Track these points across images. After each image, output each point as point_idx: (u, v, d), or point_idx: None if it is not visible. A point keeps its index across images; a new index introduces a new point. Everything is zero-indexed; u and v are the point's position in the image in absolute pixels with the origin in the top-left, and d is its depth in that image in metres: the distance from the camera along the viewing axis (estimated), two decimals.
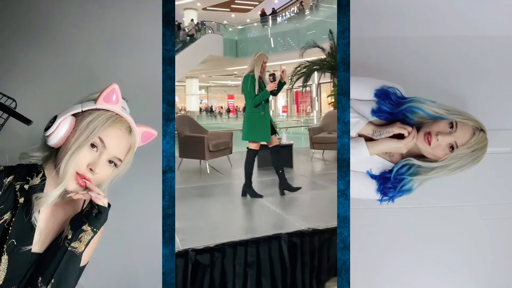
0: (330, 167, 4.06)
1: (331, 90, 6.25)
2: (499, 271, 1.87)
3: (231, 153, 4.06)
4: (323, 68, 6.04)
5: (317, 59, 5.93)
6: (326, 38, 5.88)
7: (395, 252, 1.83)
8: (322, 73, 6.33)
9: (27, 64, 1.98)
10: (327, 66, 5.94)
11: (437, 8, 1.80)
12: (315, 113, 7.38)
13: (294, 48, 6.53)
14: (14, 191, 0.93)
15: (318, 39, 5.98)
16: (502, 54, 1.81)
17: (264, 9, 7.80)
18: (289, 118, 8.18)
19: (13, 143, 1.79)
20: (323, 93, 7.30)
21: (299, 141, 5.11)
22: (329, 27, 5.95)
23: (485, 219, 1.84)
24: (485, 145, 1.24)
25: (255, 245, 2.03)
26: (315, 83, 7.02)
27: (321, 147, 4.20)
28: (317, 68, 6.04)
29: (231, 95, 9.96)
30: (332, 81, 5.96)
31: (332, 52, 5.78)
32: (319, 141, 4.13)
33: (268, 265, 2.04)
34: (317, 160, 4.23)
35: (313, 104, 7.63)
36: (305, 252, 2.12)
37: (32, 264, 0.93)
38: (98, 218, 0.95)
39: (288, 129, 5.90)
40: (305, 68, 6.07)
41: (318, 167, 4.08)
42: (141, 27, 1.88)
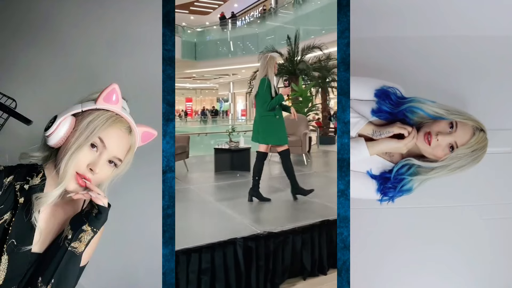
0: None
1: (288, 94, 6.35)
2: (499, 271, 1.87)
3: (188, 158, 4.11)
4: (281, 73, 6.12)
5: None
6: (284, 44, 6.03)
7: (395, 252, 1.83)
8: (280, 78, 6.39)
9: (27, 64, 1.98)
10: (285, 71, 6.05)
11: (437, 8, 1.80)
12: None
13: (254, 52, 6.64)
14: (14, 191, 0.93)
15: (277, 44, 6.13)
16: (502, 54, 1.81)
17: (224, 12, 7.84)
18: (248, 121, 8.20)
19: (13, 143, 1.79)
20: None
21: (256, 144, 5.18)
22: (288, 33, 6.11)
23: (485, 219, 1.84)
24: (485, 145, 1.24)
25: (210, 251, 2.03)
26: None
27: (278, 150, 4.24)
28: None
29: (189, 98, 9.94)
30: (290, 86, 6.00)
31: (290, 58, 5.94)
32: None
33: (223, 270, 2.03)
34: (274, 163, 4.28)
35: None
36: (260, 256, 2.15)
37: (32, 264, 0.93)
38: (98, 218, 0.95)
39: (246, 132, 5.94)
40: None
41: (275, 170, 4.18)
42: (141, 27, 1.88)
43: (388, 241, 1.84)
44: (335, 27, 1.37)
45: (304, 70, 5.92)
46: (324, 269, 2.35)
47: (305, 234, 2.31)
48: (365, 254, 1.68)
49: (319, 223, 2.38)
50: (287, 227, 2.28)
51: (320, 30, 6.41)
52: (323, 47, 6.00)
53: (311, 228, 2.34)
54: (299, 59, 6.03)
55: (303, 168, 4.18)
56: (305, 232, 2.31)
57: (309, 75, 5.99)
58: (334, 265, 2.22)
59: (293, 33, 6.10)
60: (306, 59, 6.10)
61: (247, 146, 3.93)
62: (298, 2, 6.86)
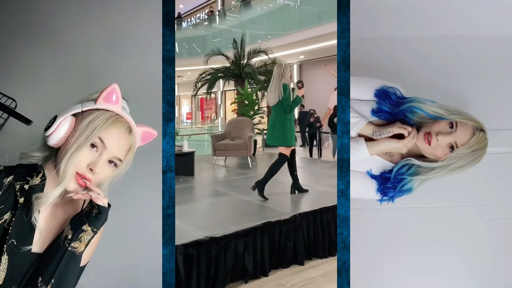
0: (231, 173, 4.20)
1: (234, 97, 6.33)
2: (499, 271, 1.87)
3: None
4: (227, 76, 6.13)
5: (222, 66, 6.05)
6: (230, 47, 6.02)
7: (395, 252, 1.83)
8: (226, 81, 6.41)
9: (27, 64, 1.98)
10: (231, 74, 6.04)
11: (437, 8, 1.80)
12: (219, 120, 7.45)
13: (199, 55, 6.57)
14: (14, 191, 0.93)
15: (223, 47, 6.10)
16: (502, 54, 1.81)
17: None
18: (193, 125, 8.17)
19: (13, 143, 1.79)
20: (228, 100, 7.34)
21: (202, 148, 5.27)
22: (234, 36, 6.10)
23: (485, 219, 1.84)
24: (485, 145, 1.24)
25: None
26: (220, 91, 7.11)
27: (223, 154, 4.30)
28: (221, 76, 6.14)
29: None
30: (236, 89, 6.03)
31: (236, 61, 5.91)
32: (221, 148, 4.22)
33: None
34: (219, 167, 4.33)
35: (218, 111, 7.68)
36: (202, 262, 2.13)
37: (32, 264, 0.93)
38: (98, 218, 0.95)
39: (191, 136, 5.92)
40: (209, 75, 6.16)
41: (220, 174, 4.19)
42: (141, 27, 1.88)
43: (388, 241, 1.84)
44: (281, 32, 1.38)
45: (250, 74, 5.93)
46: (266, 270, 2.37)
47: (248, 237, 2.31)
48: (365, 254, 1.68)
49: (261, 225, 2.41)
50: (229, 231, 2.28)
51: (266, 34, 6.47)
52: (268, 52, 6.05)
53: (253, 231, 2.35)
54: (245, 62, 6.03)
55: (248, 171, 4.16)
56: (248, 235, 2.32)
57: (255, 79, 5.99)
58: (275, 265, 2.43)
59: (239, 36, 6.12)
60: (252, 63, 6.11)
61: (191, 150, 3.91)
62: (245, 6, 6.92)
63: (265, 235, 2.40)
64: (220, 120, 7.40)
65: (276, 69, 3.35)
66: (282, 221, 2.51)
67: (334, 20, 1.36)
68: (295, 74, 7.10)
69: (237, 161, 4.53)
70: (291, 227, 2.53)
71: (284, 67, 3.29)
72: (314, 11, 5.80)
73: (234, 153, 4.30)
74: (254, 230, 2.36)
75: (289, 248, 2.50)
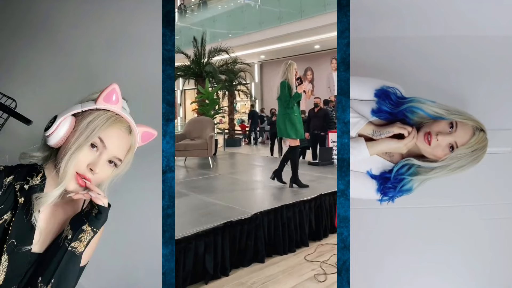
0: (191, 174, 4.14)
1: (195, 96, 6.31)
2: (499, 271, 1.87)
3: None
4: (188, 75, 6.10)
5: (181, 65, 5.99)
6: (191, 45, 5.99)
7: (395, 252, 1.83)
8: (186, 80, 6.38)
9: (27, 64, 1.98)
10: (192, 73, 6.02)
11: (437, 8, 1.80)
12: (179, 119, 7.39)
13: None
14: (14, 191, 0.93)
15: (183, 45, 6.03)
16: (502, 54, 1.81)
17: None
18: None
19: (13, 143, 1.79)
20: (188, 99, 7.33)
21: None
22: (194, 34, 6.07)
23: (485, 219, 1.84)
24: (485, 145, 1.25)
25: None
26: (180, 89, 7.06)
27: (183, 154, 4.26)
28: (181, 75, 6.11)
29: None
30: (196, 88, 6.01)
31: (197, 59, 5.88)
32: (181, 148, 4.18)
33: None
34: (179, 168, 4.24)
35: (177, 110, 7.62)
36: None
37: (32, 264, 0.93)
38: (98, 218, 0.95)
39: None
40: None
41: (180, 175, 4.10)
42: (141, 27, 1.88)
43: (388, 241, 1.84)
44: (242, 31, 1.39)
45: (210, 73, 5.91)
46: (226, 270, 2.34)
47: (208, 238, 2.28)
48: (365, 254, 1.68)
49: (222, 225, 2.38)
50: (189, 232, 2.24)
51: (227, 33, 6.46)
52: (229, 51, 6.06)
53: (213, 231, 2.32)
54: (206, 61, 6.02)
55: (209, 171, 4.14)
56: (208, 235, 2.28)
57: (216, 78, 6.00)
58: (236, 265, 2.41)
59: (200, 35, 6.11)
60: (213, 62, 6.10)
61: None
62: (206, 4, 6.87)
63: (226, 235, 2.38)
64: (179, 120, 7.34)
65: (282, 67, 3.56)
66: (243, 220, 2.48)
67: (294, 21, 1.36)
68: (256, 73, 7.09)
69: (197, 161, 4.48)
70: (252, 226, 2.51)
71: (288, 65, 3.49)
72: (274, 12, 5.81)
73: (195, 153, 4.27)
74: (214, 231, 2.33)
75: (250, 246, 2.48)
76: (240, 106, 7.49)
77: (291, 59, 5.93)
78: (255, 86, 7.18)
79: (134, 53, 1.93)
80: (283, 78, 3.51)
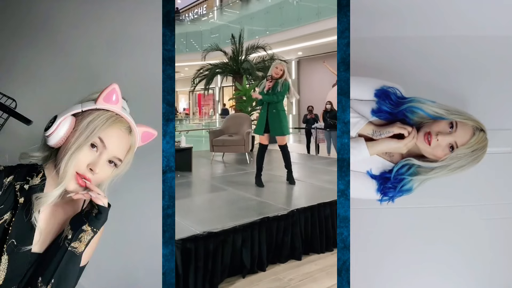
0: (229, 169, 4.22)
1: (232, 93, 6.32)
2: (499, 271, 1.87)
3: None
4: (225, 72, 6.14)
5: (220, 62, 6.05)
6: (229, 43, 6.02)
7: (395, 252, 1.83)
8: (224, 77, 6.41)
9: (27, 64, 1.98)
10: (229, 70, 6.05)
11: (437, 8, 1.80)
12: (217, 116, 7.41)
13: (197, 50, 6.59)
14: (14, 191, 0.93)
15: (221, 43, 6.10)
16: (502, 54, 1.81)
17: None
18: (191, 120, 8.13)
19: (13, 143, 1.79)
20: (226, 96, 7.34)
21: (199, 144, 5.34)
22: (232, 32, 6.10)
23: (485, 219, 1.84)
24: (485, 145, 1.24)
25: None
26: (218, 86, 7.08)
27: (220, 149, 4.34)
28: (219, 72, 6.15)
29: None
30: (234, 85, 6.01)
31: (234, 57, 5.92)
32: (219, 143, 4.24)
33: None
34: (217, 163, 4.35)
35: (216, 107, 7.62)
36: (199, 257, 2.11)
37: (32, 264, 0.93)
38: (98, 218, 0.95)
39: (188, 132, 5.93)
40: (207, 70, 6.12)
41: (217, 170, 4.20)
42: (141, 27, 1.88)
43: (388, 241, 1.84)
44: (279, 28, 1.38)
45: (248, 70, 5.90)
46: (263, 265, 2.36)
47: (245, 232, 2.32)
48: (365, 254, 1.68)
49: (259, 220, 2.41)
50: (227, 226, 2.29)
51: (264, 30, 6.46)
52: (267, 48, 6.07)
53: (251, 226, 2.35)
54: (243, 58, 6.03)
55: (246, 166, 4.20)
56: (246, 230, 2.32)
57: (253, 75, 5.97)
58: (273, 260, 2.43)
59: (237, 32, 6.12)
60: (250, 59, 6.10)
61: (188, 146, 3.92)
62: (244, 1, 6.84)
63: (262, 230, 2.40)
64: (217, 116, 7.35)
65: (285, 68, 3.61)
66: (280, 217, 2.51)
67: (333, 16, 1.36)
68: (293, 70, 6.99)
69: (235, 157, 4.56)
70: (289, 222, 2.53)
71: (272, 64, 3.58)
72: (312, 8, 5.77)
73: (232, 149, 4.33)
74: (252, 225, 2.36)
75: (287, 243, 2.49)
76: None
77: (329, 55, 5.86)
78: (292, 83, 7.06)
79: (134, 53, 1.93)
80: (284, 78, 3.52)
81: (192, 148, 3.90)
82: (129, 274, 1.90)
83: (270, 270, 2.38)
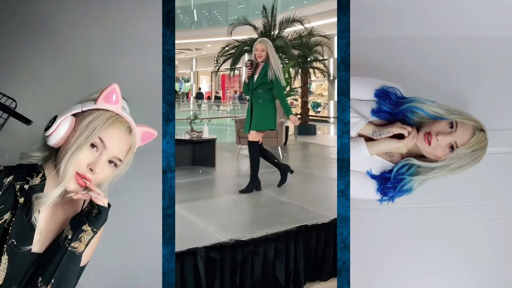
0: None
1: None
2: (499, 271, 1.87)
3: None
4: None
5: (248, 38, 5.03)
6: (259, 15, 5.02)
7: (395, 252, 1.83)
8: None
9: (27, 64, 1.98)
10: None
11: (437, 8, 1.80)
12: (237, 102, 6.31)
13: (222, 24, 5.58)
14: (14, 191, 0.93)
15: (250, 16, 5.13)
16: (502, 54, 1.81)
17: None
18: (212, 107, 6.82)
19: (13, 143, 1.80)
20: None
21: (224, 135, 4.41)
22: (263, 2, 5.07)
23: (485, 219, 1.84)
24: (485, 145, 1.25)
25: None
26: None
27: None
28: (247, 50, 5.10)
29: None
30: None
31: (266, 32, 4.98)
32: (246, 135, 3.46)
33: (180, 285, 1.78)
34: (244, 157, 3.50)
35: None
36: (225, 268, 1.87)
37: (32, 264, 0.93)
38: (98, 218, 0.95)
39: (211, 120, 4.95)
40: (234, 48, 5.14)
41: (245, 166, 3.34)
42: (141, 27, 1.88)
43: (388, 241, 1.84)
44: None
45: (282, 48, 4.92)
46: (300, 282, 2.02)
47: (279, 242, 1.99)
48: (365, 254, 1.68)
49: (295, 229, 2.06)
50: (257, 234, 1.98)
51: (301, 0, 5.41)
52: (304, 21, 4.96)
53: (286, 235, 2.01)
54: (277, 34, 5.04)
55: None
56: (279, 240, 1.99)
57: (288, 53, 4.96)
58: (311, 277, 2.05)
59: (269, 2, 5.07)
60: (284, 35, 5.07)
61: (212, 137, 3.28)
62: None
63: (299, 241, 2.05)
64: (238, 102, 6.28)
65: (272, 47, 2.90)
66: (320, 226, 2.11)
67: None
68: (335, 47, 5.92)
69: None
70: (331, 233, 2.08)
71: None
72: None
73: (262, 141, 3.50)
74: (286, 235, 2.02)
75: (329, 257, 2.08)
76: (315, 87, 5.90)
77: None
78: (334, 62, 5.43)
79: (134, 53, 1.93)
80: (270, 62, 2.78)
81: (215, 139, 3.29)
82: (129, 274, 1.90)
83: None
